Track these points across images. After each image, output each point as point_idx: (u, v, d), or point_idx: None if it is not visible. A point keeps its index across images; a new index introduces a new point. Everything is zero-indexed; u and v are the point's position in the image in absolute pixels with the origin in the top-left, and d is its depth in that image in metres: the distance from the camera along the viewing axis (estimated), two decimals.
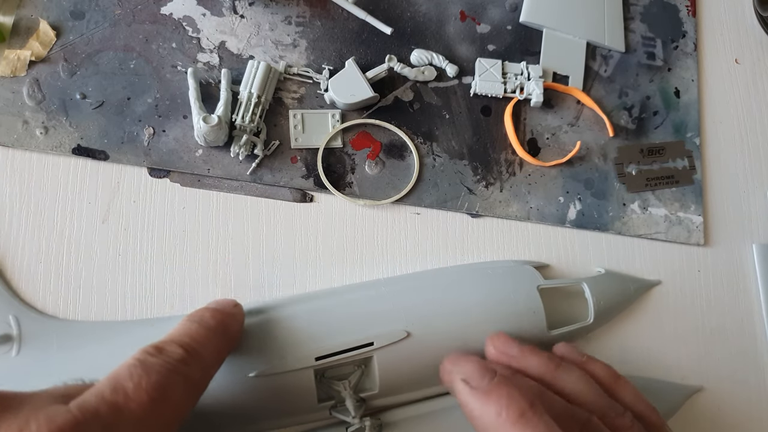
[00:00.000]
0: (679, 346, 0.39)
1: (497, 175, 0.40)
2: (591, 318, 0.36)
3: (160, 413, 0.23)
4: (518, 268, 0.36)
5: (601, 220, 0.40)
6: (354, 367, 0.33)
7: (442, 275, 0.36)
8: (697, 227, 0.41)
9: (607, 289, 0.37)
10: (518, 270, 0.36)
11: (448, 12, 0.43)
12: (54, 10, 0.38)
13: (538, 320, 0.34)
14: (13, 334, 0.32)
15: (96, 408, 0.22)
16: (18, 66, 0.37)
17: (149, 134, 0.37)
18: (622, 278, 0.39)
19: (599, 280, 0.38)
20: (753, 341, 0.40)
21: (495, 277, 0.35)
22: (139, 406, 0.23)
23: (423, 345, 0.32)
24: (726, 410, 0.38)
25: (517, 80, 0.41)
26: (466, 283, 0.35)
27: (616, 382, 0.32)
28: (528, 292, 0.34)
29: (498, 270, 0.36)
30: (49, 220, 0.35)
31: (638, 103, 0.43)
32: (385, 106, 0.40)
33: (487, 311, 0.33)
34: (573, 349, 0.34)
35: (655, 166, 0.42)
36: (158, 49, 0.39)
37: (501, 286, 0.34)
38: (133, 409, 0.23)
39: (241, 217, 0.37)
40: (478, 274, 0.36)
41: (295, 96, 0.39)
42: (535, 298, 0.34)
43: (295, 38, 0.40)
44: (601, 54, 0.44)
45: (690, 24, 0.45)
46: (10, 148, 0.36)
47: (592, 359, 0.33)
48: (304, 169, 0.38)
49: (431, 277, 0.35)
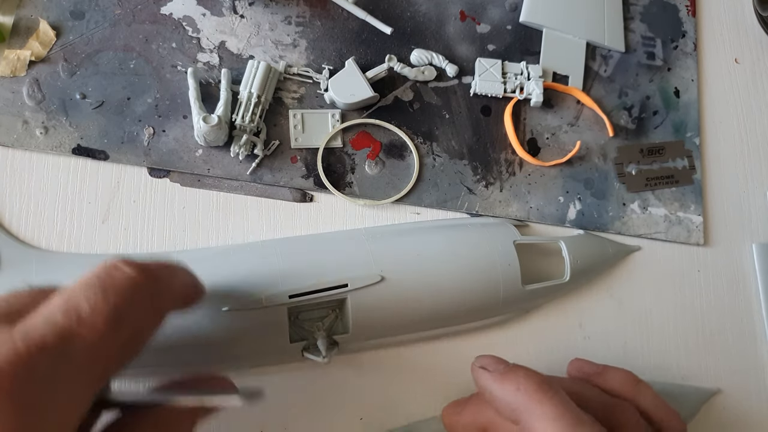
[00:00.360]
0: (678, 346, 0.39)
1: (497, 175, 0.40)
2: (567, 276, 0.36)
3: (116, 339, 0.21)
4: (496, 223, 0.37)
5: (600, 220, 0.40)
6: (328, 311, 0.33)
7: (421, 227, 0.36)
8: (697, 227, 0.41)
9: (585, 249, 0.37)
10: (496, 224, 0.37)
11: (448, 12, 0.43)
12: (54, 10, 0.38)
13: (512, 273, 0.34)
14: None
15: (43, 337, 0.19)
16: (18, 66, 0.37)
17: (149, 134, 0.37)
18: (600, 240, 0.39)
19: (577, 239, 0.38)
20: (753, 341, 0.40)
21: (472, 229, 0.36)
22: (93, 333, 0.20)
23: (396, 289, 0.32)
24: (726, 410, 0.38)
25: (517, 80, 0.41)
26: (444, 234, 0.35)
27: (636, 387, 0.32)
28: (504, 246, 0.35)
29: (477, 224, 0.37)
30: (49, 220, 0.35)
31: (638, 103, 0.43)
32: (385, 105, 0.40)
33: (461, 261, 0.34)
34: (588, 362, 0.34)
35: (655, 166, 0.42)
36: (158, 49, 0.39)
37: (477, 238, 0.35)
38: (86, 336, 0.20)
39: (241, 217, 0.37)
40: (456, 227, 0.36)
41: (295, 96, 0.39)
42: (510, 252, 0.35)
43: (295, 38, 0.40)
44: (601, 54, 0.44)
45: (690, 24, 0.45)
46: (10, 148, 0.36)
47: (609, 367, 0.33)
48: (304, 169, 0.38)
49: (410, 228, 0.36)
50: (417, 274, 0.33)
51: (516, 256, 0.35)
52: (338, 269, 0.32)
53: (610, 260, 0.39)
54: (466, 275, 0.34)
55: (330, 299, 0.32)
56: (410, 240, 0.34)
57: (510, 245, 0.35)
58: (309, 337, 0.32)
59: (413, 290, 0.33)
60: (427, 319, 0.34)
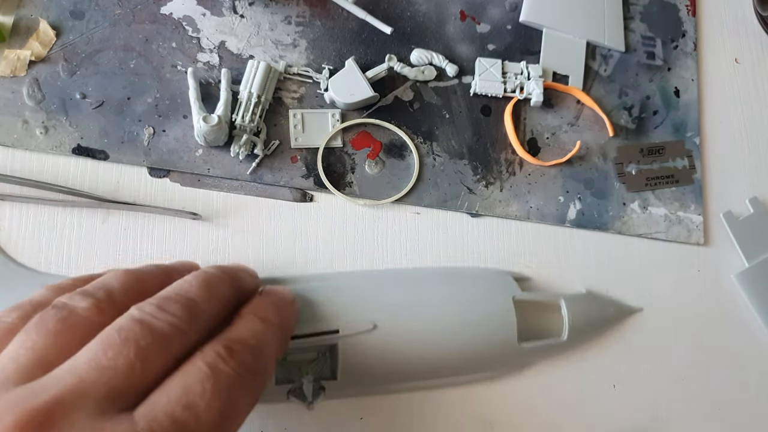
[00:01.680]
0: (678, 346, 0.39)
1: (497, 175, 0.40)
2: (565, 336, 0.35)
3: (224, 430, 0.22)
4: (497, 276, 0.36)
5: (601, 220, 0.40)
6: (317, 354, 0.32)
7: (418, 274, 0.36)
8: (697, 227, 0.41)
9: (586, 309, 0.37)
10: (496, 278, 0.36)
11: (448, 11, 0.43)
12: (54, 10, 0.38)
13: (509, 331, 0.34)
14: None
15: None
16: (18, 66, 0.37)
17: (149, 134, 0.37)
18: (602, 300, 0.38)
19: (579, 298, 0.37)
20: (753, 341, 0.40)
21: (471, 281, 0.35)
22: (208, 428, 0.21)
23: (389, 339, 0.32)
24: (726, 411, 0.38)
25: (517, 80, 0.41)
26: (441, 285, 0.34)
27: None
28: (502, 301, 0.34)
29: (476, 275, 0.36)
30: (49, 220, 0.35)
31: (638, 103, 0.43)
32: (385, 105, 0.40)
33: (458, 314, 0.33)
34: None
35: (655, 166, 0.42)
36: (158, 49, 0.39)
37: (476, 291, 0.34)
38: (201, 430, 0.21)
39: (241, 216, 0.37)
40: (454, 276, 0.35)
41: (295, 96, 0.39)
42: (509, 308, 0.34)
43: (295, 38, 0.40)
44: (600, 54, 0.44)
45: (690, 24, 0.45)
46: (10, 148, 0.36)
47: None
48: (304, 169, 0.38)
49: (406, 275, 0.35)
50: (411, 324, 0.32)
51: (513, 313, 0.34)
52: (331, 313, 0.31)
53: (611, 321, 0.38)
54: (461, 329, 0.33)
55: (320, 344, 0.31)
56: (407, 288, 0.34)
57: (509, 301, 0.34)
58: (296, 379, 0.32)
59: (406, 341, 0.32)
60: (418, 371, 0.33)
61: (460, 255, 0.38)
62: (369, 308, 0.32)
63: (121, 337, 0.22)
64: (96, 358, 0.21)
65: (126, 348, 0.21)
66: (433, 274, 0.36)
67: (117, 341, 0.22)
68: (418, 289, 0.34)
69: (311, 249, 0.37)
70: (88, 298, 0.24)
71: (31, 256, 0.34)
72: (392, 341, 0.32)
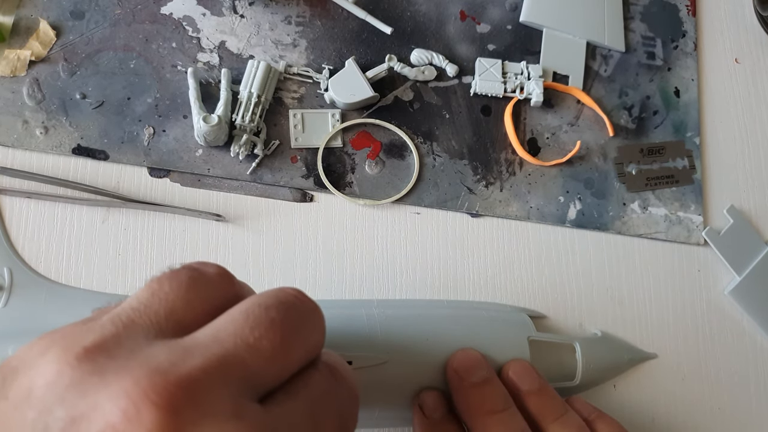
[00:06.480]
0: (678, 346, 0.39)
1: (497, 175, 0.40)
2: (577, 380, 0.35)
3: None
4: (512, 316, 0.36)
5: (601, 220, 0.40)
6: None
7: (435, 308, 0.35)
8: (697, 227, 0.41)
9: (600, 353, 0.36)
10: (512, 317, 0.35)
11: (448, 12, 0.43)
12: (54, 10, 0.38)
13: None
14: (4, 285, 0.33)
15: None
16: (18, 66, 0.37)
17: (149, 134, 0.37)
18: (617, 345, 0.38)
19: (593, 342, 0.37)
20: (753, 341, 0.40)
21: (487, 320, 0.35)
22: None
23: (400, 373, 0.31)
24: (726, 411, 0.38)
25: (517, 80, 0.41)
26: (456, 321, 0.34)
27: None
28: (517, 341, 0.34)
29: (492, 313, 0.35)
30: (49, 220, 0.35)
31: (638, 103, 0.43)
32: (385, 105, 0.40)
33: None
34: (588, 404, 0.32)
35: (655, 166, 0.42)
36: (158, 49, 0.39)
37: (491, 330, 0.34)
38: None
39: (241, 216, 0.37)
40: (470, 313, 0.35)
41: (295, 96, 0.39)
42: (523, 348, 0.33)
43: (295, 38, 0.40)
44: (601, 54, 0.44)
45: (690, 24, 0.45)
46: (10, 148, 0.36)
47: (602, 416, 0.31)
48: (304, 169, 0.38)
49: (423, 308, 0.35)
50: (422, 360, 0.32)
51: (528, 354, 0.33)
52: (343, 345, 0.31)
53: (623, 367, 0.38)
54: None
55: None
56: (422, 323, 0.33)
57: (524, 341, 0.34)
58: None
59: (416, 375, 0.31)
60: None
61: (460, 255, 0.38)
62: (382, 340, 0.31)
63: (269, 317, 0.19)
64: (242, 334, 0.18)
65: (272, 332, 0.19)
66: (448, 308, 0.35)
67: (264, 320, 0.19)
68: (434, 324, 0.33)
69: (311, 249, 0.37)
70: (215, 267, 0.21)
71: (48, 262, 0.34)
72: (403, 376, 0.31)
